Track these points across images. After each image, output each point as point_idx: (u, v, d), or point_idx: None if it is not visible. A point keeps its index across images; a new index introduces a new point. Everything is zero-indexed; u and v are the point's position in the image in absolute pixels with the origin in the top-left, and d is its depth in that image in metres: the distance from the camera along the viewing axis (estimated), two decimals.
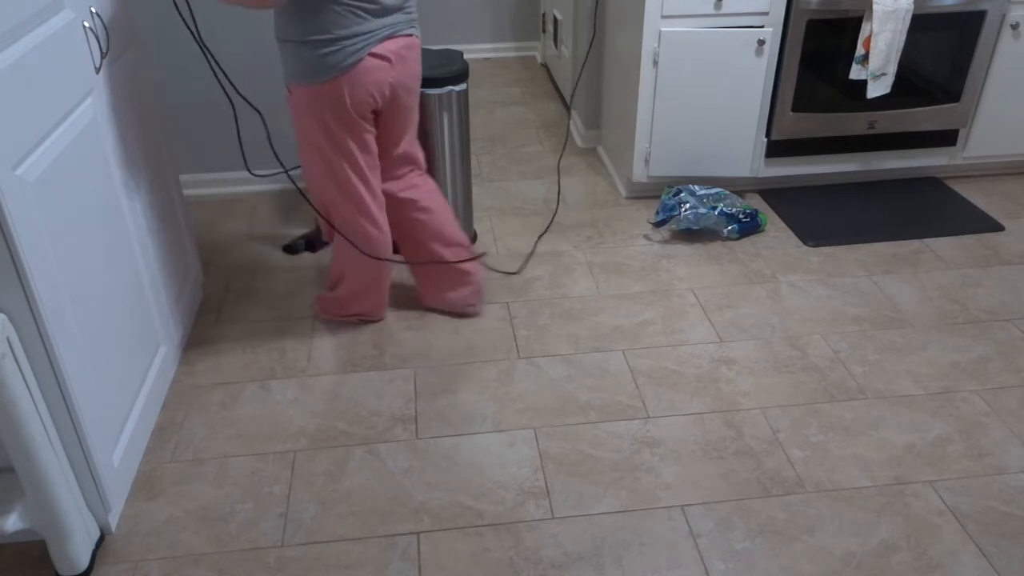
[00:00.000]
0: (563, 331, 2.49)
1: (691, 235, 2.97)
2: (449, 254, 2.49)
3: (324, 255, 2.88)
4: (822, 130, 3.08)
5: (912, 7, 2.82)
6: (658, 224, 2.97)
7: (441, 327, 2.52)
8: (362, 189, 2.26)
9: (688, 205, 2.95)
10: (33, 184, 1.53)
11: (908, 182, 3.32)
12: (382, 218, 2.34)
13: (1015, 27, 3.00)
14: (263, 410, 2.20)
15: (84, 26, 1.81)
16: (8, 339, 1.48)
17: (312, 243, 2.81)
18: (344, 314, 2.51)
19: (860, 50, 2.88)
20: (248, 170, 2.50)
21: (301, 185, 2.60)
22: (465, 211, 2.90)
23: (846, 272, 2.77)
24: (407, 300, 2.64)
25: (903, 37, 2.87)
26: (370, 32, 2.05)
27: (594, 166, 3.54)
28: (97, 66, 1.87)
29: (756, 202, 3.19)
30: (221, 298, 2.67)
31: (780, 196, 3.21)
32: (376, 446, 2.08)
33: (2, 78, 1.45)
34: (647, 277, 2.75)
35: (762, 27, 2.89)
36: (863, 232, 2.99)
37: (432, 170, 2.77)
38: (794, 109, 3.00)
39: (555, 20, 4.21)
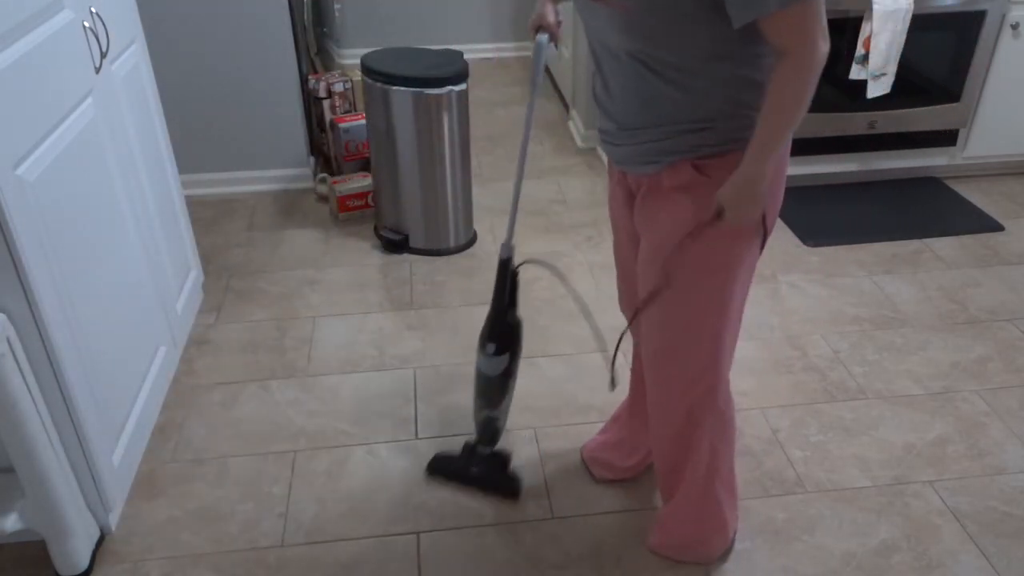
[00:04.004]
0: (563, 331, 2.49)
1: None
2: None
3: None
4: (822, 130, 3.08)
5: (912, 7, 2.82)
6: None
7: (441, 327, 2.52)
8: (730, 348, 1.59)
9: None
10: (33, 184, 1.53)
11: (908, 182, 3.32)
12: None
13: (1015, 27, 3.00)
14: (263, 410, 2.20)
15: (84, 26, 1.81)
16: (8, 339, 1.48)
17: (504, 462, 1.96)
18: (709, 556, 1.78)
19: (860, 50, 2.88)
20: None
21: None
22: (465, 211, 2.90)
23: (846, 272, 2.77)
24: (406, 300, 2.64)
25: (903, 37, 2.87)
26: None
27: (594, 166, 3.53)
28: (97, 66, 1.87)
29: None
30: (221, 298, 2.67)
31: None
32: (376, 446, 2.08)
33: (2, 78, 1.45)
34: None
35: None
36: (863, 232, 2.99)
37: (432, 170, 2.78)
38: None
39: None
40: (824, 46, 1.21)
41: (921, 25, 2.90)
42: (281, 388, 2.28)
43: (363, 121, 3.22)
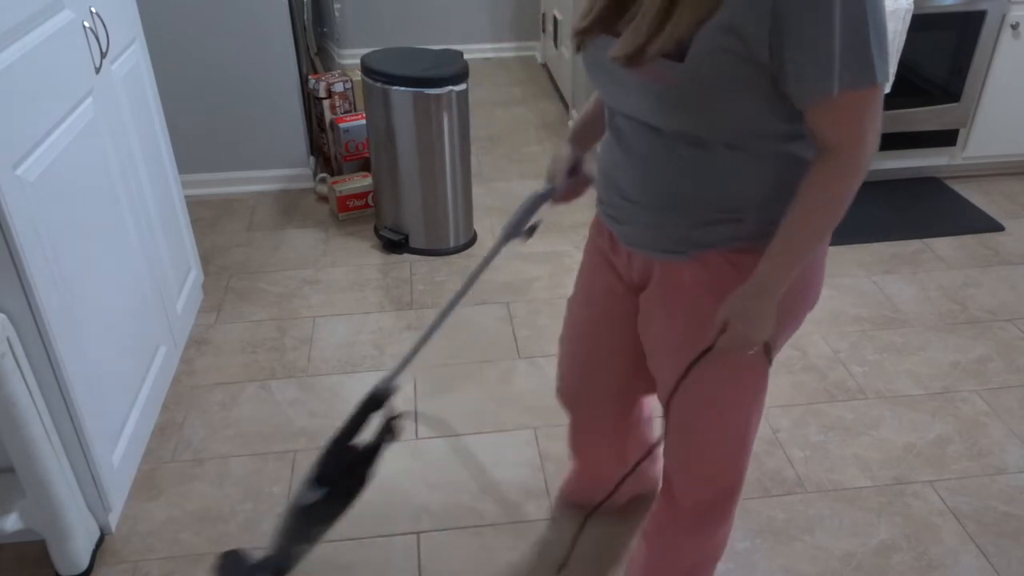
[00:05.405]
0: None
1: None
2: None
3: None
4: None
5: (912, 7, 2.82)
6: None
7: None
8: None
9: None
10: (33, 184, 1.53)
11: (908, 182, 3.32)
12: None
13: (1015, 27, 2.99)
14: (263, 410, 2.20)
15: (84, 26, 1.81)
16: (8, 339, 1.48)
17: None
18: None
19: None
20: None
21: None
22: (465, 211, 2.90)
23: (846, 272, 2.77)
24: (406, 300, 2.64)
25: (903, 37, 2.86)
26: None
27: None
28: (97, 66, 1.87)
29: None
30: (221, 298, 2.67)
31: None
32: None
33: (2, 78, 1.45)
34: None
35: None
36: (863, 232, 2.99)
37: (432, 170, 2.78)
38: None
39: (555, 20, 4.21)
40: (876, 145, 1.04)
41: (921, 25, 2.90)
42: (281, 388, 2.28)
43: (363, 121, 3.22)
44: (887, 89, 2.94)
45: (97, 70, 1.87)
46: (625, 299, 1.36)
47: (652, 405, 1.60)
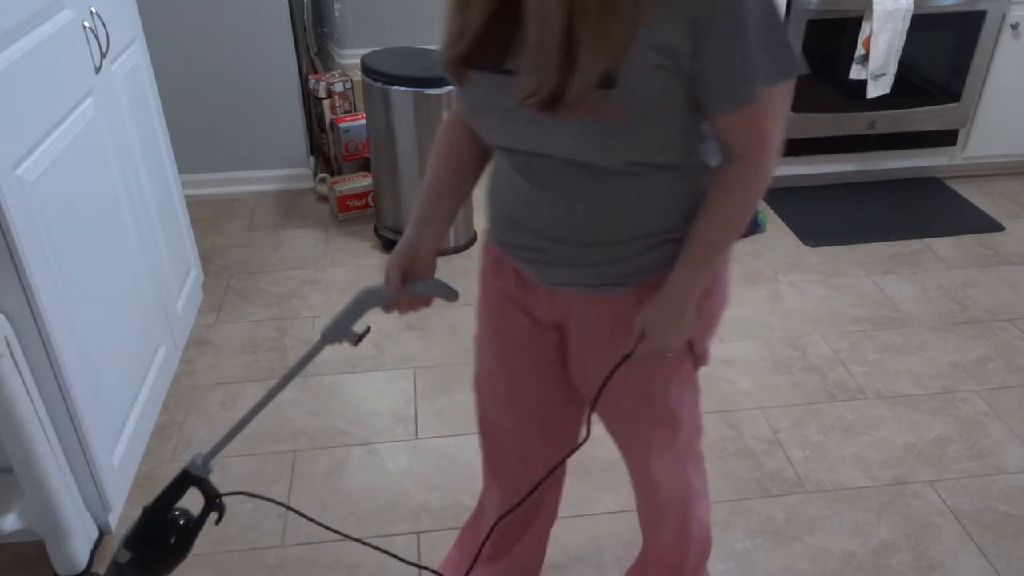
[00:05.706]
0: None
1: None
2: None
3: None
4: (822, 130, 3.08)
5: (912, 7, 2.82)
6: None
7: (441, 327, 2.52)
8: None
9: None
10: (33, 184, 1.53)
11: (908, 182, 3.32)
12: None
13: (1015, 27, 2.99)
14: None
15: (84, 26, 1.81)
16: (7, 339, 1.48)
17: None
18: None
19: (860, 50, 2.88)
20: None
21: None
22: (465, 211, 2.90)
23: (846, 272, 2.77)
24: None
25: (903, 37, 2.87)
26: None
27: None
28: (97, 66, 1.87)
29: None
30: (221, 298, 2.67)
31: (780, 196, 3.21)
32: (376, 446, 2.08)
33: (2, 78, 1.45)
34: None
35: None
36: (863, 232, 2.99)
37: None
38: (794, 109, 3.00)
39: None
40: (782, 143, 1.05)
41: (921, 25, 2.90)
42: None
43: (363, 121, 3.22)
44: (887, 90, 2.95)
45: (97, 70, 1.87)
46: (540, 336, 1.29)
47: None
